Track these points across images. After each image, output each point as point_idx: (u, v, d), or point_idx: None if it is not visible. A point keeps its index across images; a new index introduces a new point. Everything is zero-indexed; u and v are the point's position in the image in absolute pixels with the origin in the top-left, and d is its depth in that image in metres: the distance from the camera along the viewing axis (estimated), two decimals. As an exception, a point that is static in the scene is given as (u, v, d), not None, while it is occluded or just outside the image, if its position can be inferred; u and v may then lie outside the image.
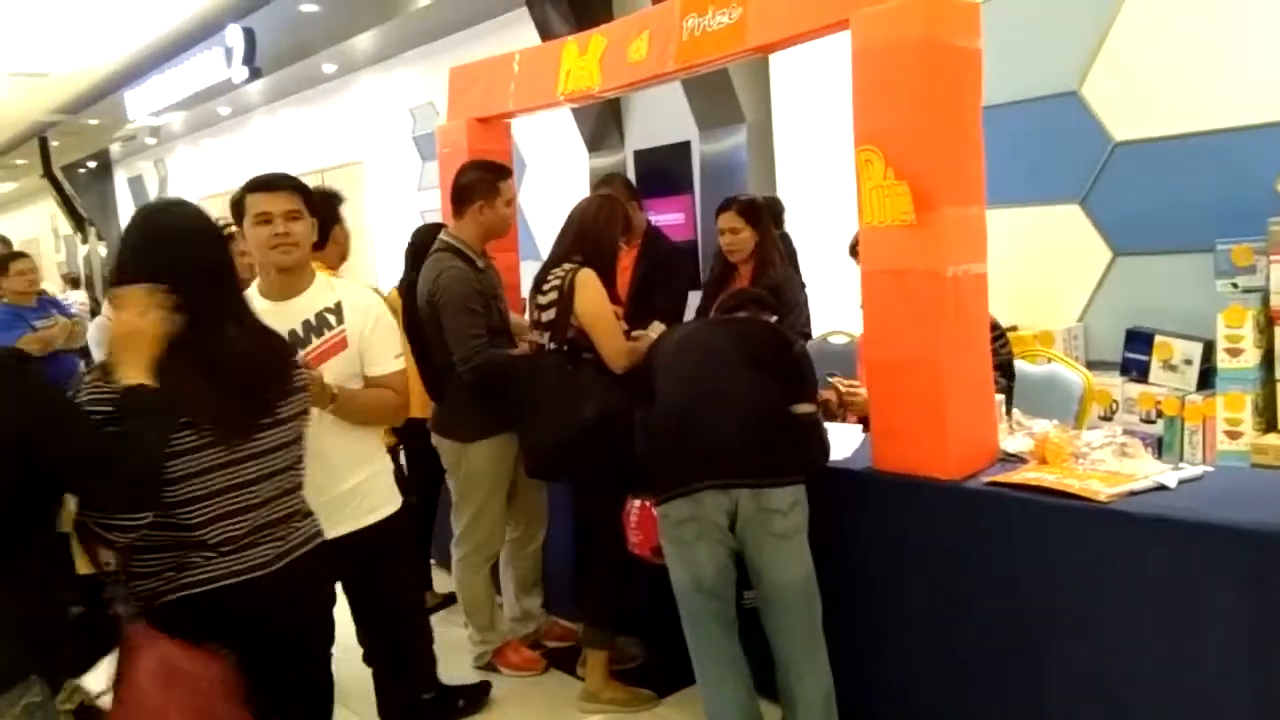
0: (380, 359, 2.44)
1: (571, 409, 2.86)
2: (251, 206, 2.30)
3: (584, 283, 2.93)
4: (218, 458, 1.81)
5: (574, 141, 6.27)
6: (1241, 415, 3.44)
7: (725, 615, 2.46)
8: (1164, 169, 3.81)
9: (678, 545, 2.44)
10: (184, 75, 9.41)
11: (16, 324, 4.82)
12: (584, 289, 2.92)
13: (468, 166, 3.33)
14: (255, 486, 1.86)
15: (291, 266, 2.35)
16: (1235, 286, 3.49)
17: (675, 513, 2.42)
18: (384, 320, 2.47)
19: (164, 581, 1.79)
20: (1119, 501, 2.15)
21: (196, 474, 1.78)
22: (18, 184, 17.19)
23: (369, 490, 2.45)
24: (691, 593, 2.45)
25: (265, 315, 2.18)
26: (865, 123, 2.48)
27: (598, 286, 2.93)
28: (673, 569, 2.48)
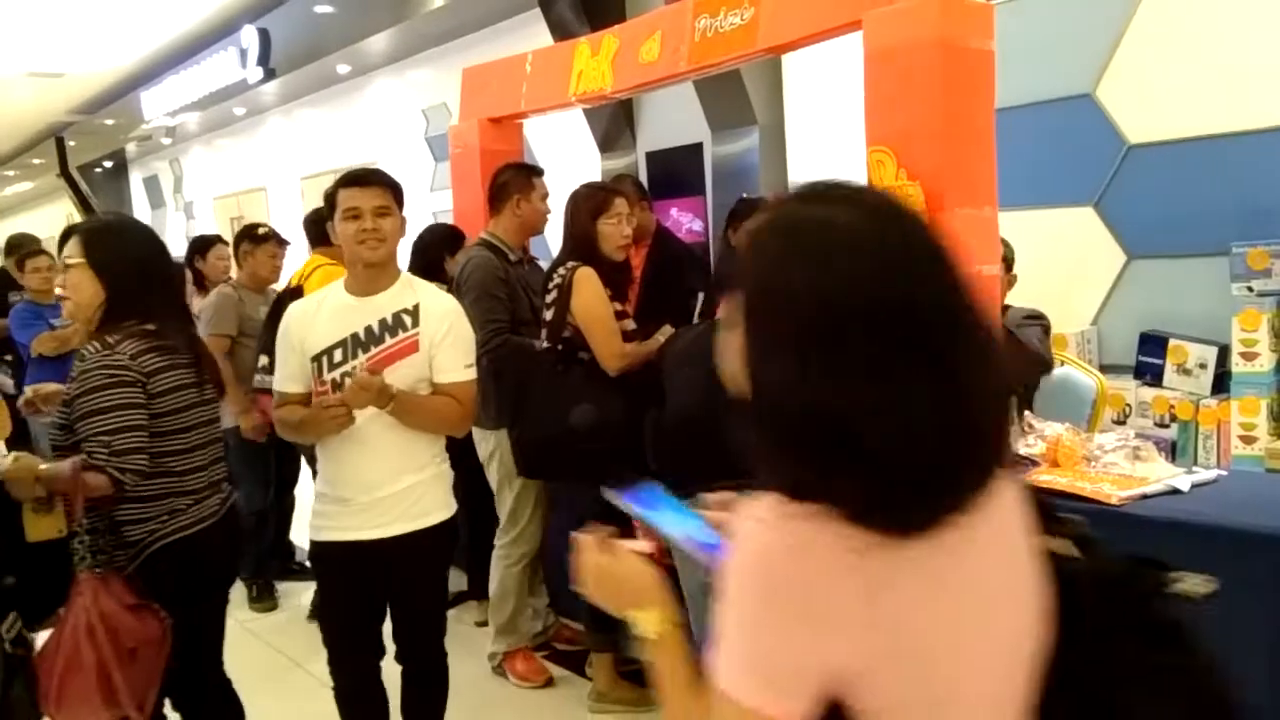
0: (449, 366, 2.36)
1: (558, 409, 2.84)
2: (342, 201, 2.31)
3: (581, 281, 2.89)
4: (210, 414, 2.25)
5: (586, 143, 6.27)
6: (1256, 420, 3.42)
7: None
8: (1179, 172, 3.78)
9: None
10: (199, 76, 9.47)
11: (34, 322, 4.81)
12: (581, 287, 2.89)
13: (503, 167, 3.43)
14: (208, 448, 2.26)
15: (377, 262, 2.33)
16: (1250, 290, 3.47)
17: None
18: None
19: (160, 525, 2.11)
20: (1131, 505, 2.13)
21: (202, 424, 2.22)
22: (34, 183, 17.33)
23: (422, 494, 2.38)
24: (700, 595, 2.44)
25: (345, 310, 2.32)
26: (877, 124, 2.48)
27: (596, 286, 2.89)
28: (682, 572, 2.48)
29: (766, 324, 0.88)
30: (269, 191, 10.65)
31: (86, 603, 1.93)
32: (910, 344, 0.83)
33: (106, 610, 1.94)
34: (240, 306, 4.16)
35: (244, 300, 4.20)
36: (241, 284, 4.32)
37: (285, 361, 2.36)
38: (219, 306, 4.16)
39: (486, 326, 3.09)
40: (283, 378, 2.38)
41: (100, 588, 1.96)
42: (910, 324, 0.83)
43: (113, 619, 1.94)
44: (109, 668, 1.91)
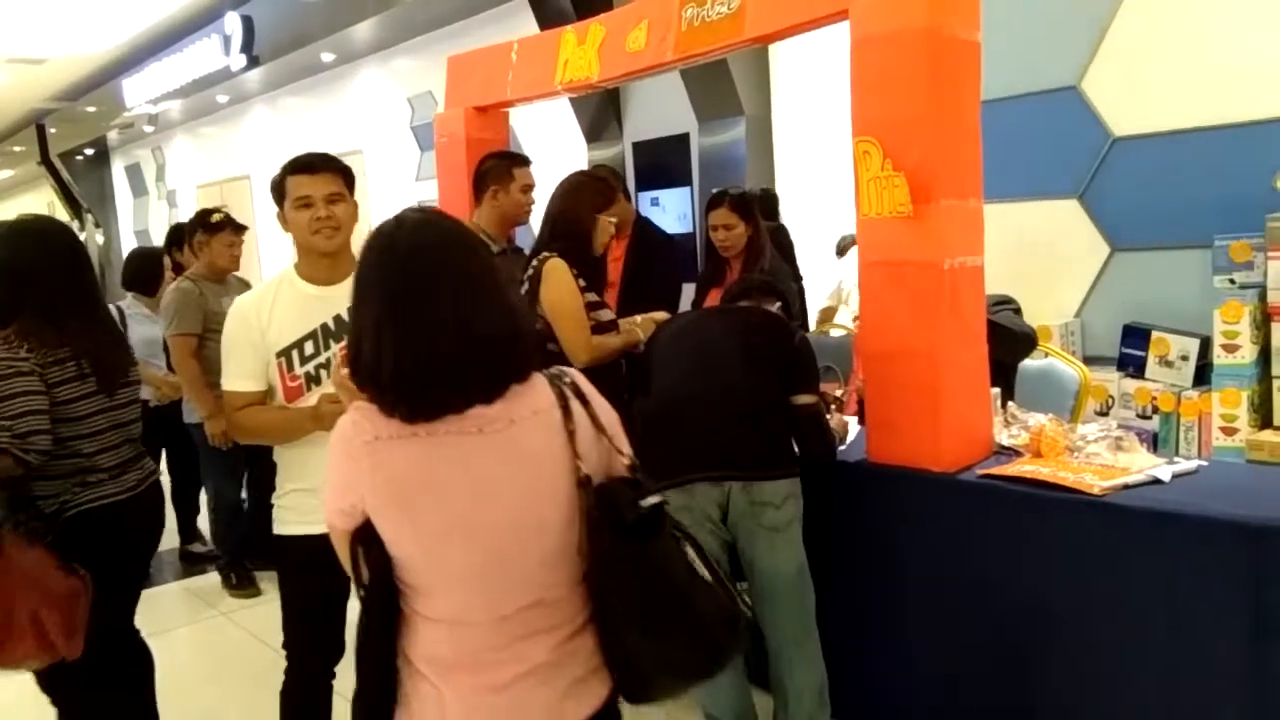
0: None
1: None
2: (292, 189, 2.21)
3: (550, 272, 2.85)
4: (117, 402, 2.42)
5: (573, 133, 6.26)
6: (1237, 411, 3.45)
7: None
8: (1163, 165, 3.80)
9: None
10: (182, 63, 9.38)
11: None
12: (549, 278, 2.85)
13: (487, 156, 3.38)
14: (124, 428, 2.45)
15: (333, 251, 2.25)
16: (1233, 282, 3.49)
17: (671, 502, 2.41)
18: None
19: (72, 495, 2.32)
20: (1113, 495, 2.15)
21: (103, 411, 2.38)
22: (14, 171, 17.15)
23: None
24: None
25: (308, 301, 2.23)
26: (864, 113, 2.48)
27: (566, 277, 2.85)
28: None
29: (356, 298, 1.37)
30: (253, 180, 10.57)
31: (14, 562, 2.14)
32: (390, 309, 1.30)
33: (33, 567, 2.16)
34: (202, 301, 3.95)
35: (205, 294, 3.98)
36: (201, 276, 4.09)
37: (240, 358, 2.21)
38: (180, 304, 3.94)
39: None
40: (237, 376, 2.22)
41: (26, 548, 2.18)
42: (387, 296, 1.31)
43: (40, 574, 2.17)
44: (42, 617, 2.13)
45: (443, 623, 1.33)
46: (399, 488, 1.30)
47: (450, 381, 1.29)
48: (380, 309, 1.30)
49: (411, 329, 1.28)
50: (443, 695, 1.32)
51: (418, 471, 1.30)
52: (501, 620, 1.32)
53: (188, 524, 4.93)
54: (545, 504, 1.33)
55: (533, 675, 1.32)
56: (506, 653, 1.32)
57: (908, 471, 2.48)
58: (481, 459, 1.30)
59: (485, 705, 1.31)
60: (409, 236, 1.34)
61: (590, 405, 1.41)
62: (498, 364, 1.32)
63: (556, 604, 1.35)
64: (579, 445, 1.35)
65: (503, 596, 1.32)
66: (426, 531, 1.30)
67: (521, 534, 1.32)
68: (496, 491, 1.31)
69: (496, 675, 1.31)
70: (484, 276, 1.35)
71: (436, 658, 1.33)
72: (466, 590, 1.32)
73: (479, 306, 1.31)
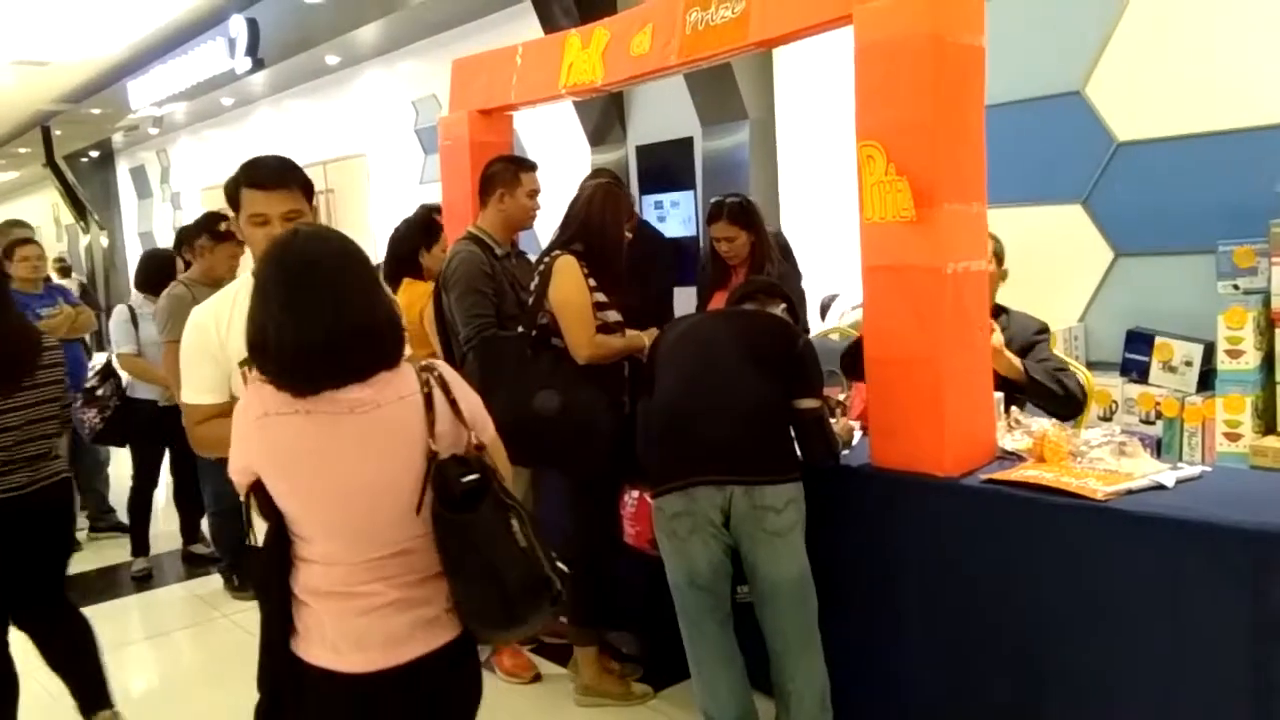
0: None
1: (523, 394, 2.83)
2: (247, 204, 2.11)
3: (561, 269, 2.88)
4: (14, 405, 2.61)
5: (577, 137, 6.26)
6: (1241, 417, 3.44)
7: (720, 610, 2.46)
8: (1166, 170, 3.80)
9: (672, 539, 2.43)
10: (187, 65, 9.40)
11: (21, 311, 4.75)
12: (560, 275, 2.88)
13: (494, 160, 3.38)
14: (13, 431, 2.63)
15: None
16: (1236, 288, 3.48)
17: (669, 507, 2.42)
18: None
19: None
20: (1116, 500, 2.14)
21: None
22: (20, 173, 17.19)
23: None
24: (686, 587, 2.45)
25: None
26: (867, 118, 2.48)
27: (574, 274, 2.88)
28: (668, 563, 2.48)
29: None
30: (257, 183, 10.58)
31: None
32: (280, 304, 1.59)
33: None
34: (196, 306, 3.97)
35: (198, 299, 3.93)
36: (195, 281, 4.07)
37: (200, 372, 2.11)
38: (173, 310, 3.90)
39: (471, 322, 3.09)
40: (197, 389, 2.12)
41: None
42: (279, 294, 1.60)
43: None
44: None
45: (320, 563, 1.65)
46: (281, 456, 1.61)
47: (326, 363, 1.58)
48: (273, 304, 1.59)
49: (296, 320, 1.57)
50: (321, 617, 1.65)
51: (297, 443, 1.60)
52: (366, 563, 1.63)
53: (191, 525, 4.94)
54: (400, 473, 1.62)
55: (390, 606, 1.64)
56: (370, 587, 1.63)
57: (911, 476, 2.48)
58: (350, 434, 1.59)
59: (351, 624, 1.63)
60: (300, 245, 1.65)
61: (452, 394, 1.69)
62: (367, 351, 1.61)
63: (416, 554, 1.65)
64: (436, 427, 1.64)
65: (366, 545, 1.63)
66: (303, 491, 1.62)
67: (379, 496, 1.62)
68: (360, 461, 1.60)
69: (362, 603, 1.63)
70: (360, 280, 1.64)
71: (316, 589, 1.65)
72: (336, 539, 1.63)
73: (352, 304, 1.60)
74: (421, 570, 1.65)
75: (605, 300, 2.95)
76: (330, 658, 1.64)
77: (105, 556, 5.08)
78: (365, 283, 1.66)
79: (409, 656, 1.64)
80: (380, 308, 1.66)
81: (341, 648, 1.63)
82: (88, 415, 4.35)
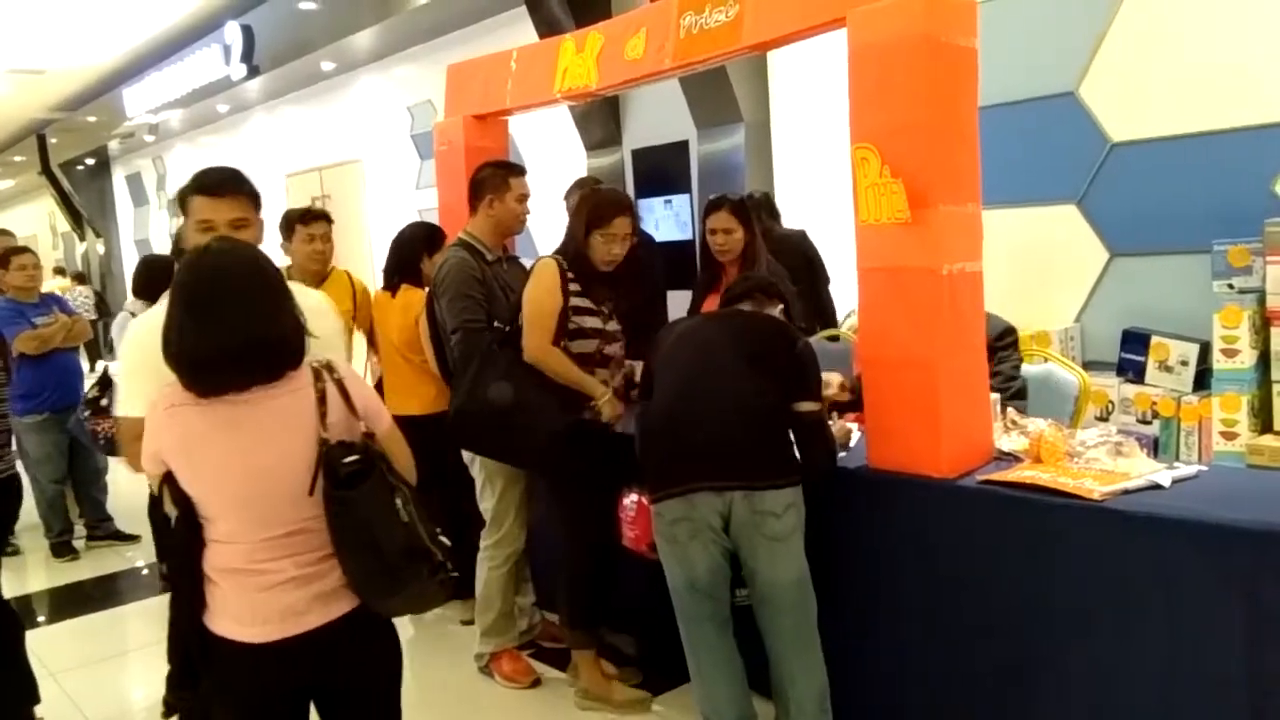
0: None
1: (479, 385, 2.90)
2: (195, 210, 2.13)
3: (536, 271, 2.97)
4: None
5: (572, 141, 6.27)
6: (1237, 416, 3.45)
7: (719, 614, 2.45)
8: (1161, 170, 3.81)
9: (671, 544, 2.43)
10: (182, 72, 9.40)
11: (16, 320, 4.76)
12: (534, 275, 2.96)
13: (482, 165, 3.39)
14: None
15: None
16: (1231, 288, 3.49)
17: (669, 512, 2.41)
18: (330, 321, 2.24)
19: None
20: (1113, 500, 2.15)
21: None
22: (15, 181, 17.18)
23: None
24: (685, 591, 2.45)
25: None
26: (861, 120, 2.48)
27: (546, 277, 2.93)
28: (667, 567, 2.48)
29: None
30: (253, 189, 10.59)
31: None
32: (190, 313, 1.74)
33: None
34: None
35: None
36: None
37: (141, 385, 1.99)
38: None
39: (461, 325, 3.12)
40: (137, 403, 1.99)
41: None
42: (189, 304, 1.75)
43: None
44: None
45: (224, 542, 1.81)
46: (184, 443, 1.77)
47: (227, 371, 1.74)
48: (184, 313, 1.74)
49: (203, 328, 1.72)
50: (226, 593, 1.81)
51: (198, 431, 1.76)
52: (266, 541, 1.79)
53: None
54: (294, 458, 1.77)
55: (290, 582, 1.79)
56: (269, 565, 1.79)
57: (908, 477, 2.48)
58: (246, 423, 1.76)
59: (252, 598, 1.79)
60: (210, 260, 1.79)
61: (346, 387, 1.84)
62: (266, 362, 1.76)
63: (312, 533, 1.79)
64: (328, 418, 1.79)
65: (264, 524, 1.78)
66: (204, 475, 1.78)
67: (275, 479, 1.77)
68: (255, 447, 1.76)
69: (262, 579, 1.79)
70: (266, 292, 1.79)
71: (222, 566, 1.81)
72: (236, 518, 1.79)
73: (255, 317, 1.74)
74: (319, 548, 1.80)
75: (586, 306, 2.97)
76: (234, 629, 1.81)
77: (104, 565, 5.07)
78: (270, 295, 1.79)
79: (306, 627, 1.80)
80: (283, 319, 1.79)
81: (244, 619, 1.80)
82: (101, 426, 4.34)
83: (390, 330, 3.71)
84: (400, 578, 1.79)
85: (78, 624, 4.32)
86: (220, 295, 1.75)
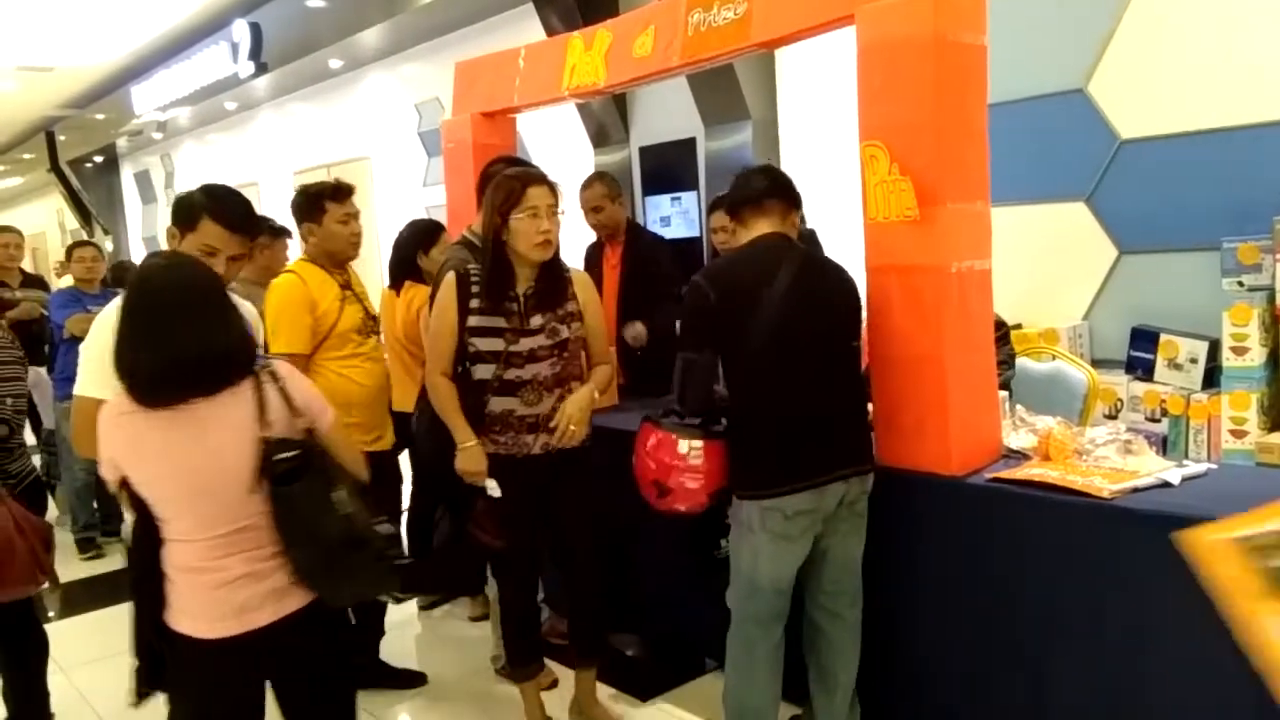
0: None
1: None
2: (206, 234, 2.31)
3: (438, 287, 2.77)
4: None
5: (580, 138, 6.27)
6: (1247, 414, 3.43)
7: (785, 613, 2.48)
8: (1170, 167, 3.79)
9: (781, 541, 2.34)
10: (191, 70, 9.42)
11: (72, 304, 5.02)
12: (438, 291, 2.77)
13: (494, 160, 3.29)
14: None
15: None
16: (1241, 285, 3.48)
17: (793, 506, 2.31)
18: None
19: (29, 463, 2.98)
20: (1122, 498, 2.14)
21: None
22: (24, 178, 17.23)
23: None
24: (771, 591, 2.41)
25: None
26: (870, 118, 2.48)
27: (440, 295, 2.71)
28: (762, 564, 2.38)
29: None
30: (261, 187, 10.61)
31: (11, 507, 2.61)
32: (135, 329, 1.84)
33: (18, 512, 2.62)
34: None
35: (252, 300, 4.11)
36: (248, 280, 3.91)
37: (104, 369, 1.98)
38: None
39: None
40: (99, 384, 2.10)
41: (8, 497, 2.66)
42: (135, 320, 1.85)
43: (26, 517, 2.64)
44: (37, 551, 2.61)
45: (179, 541, 1.89)
46: (133, 447, 1.86)
47: (181, 383, 1.81)
48: (133, 329, 1.82)
49: (147, 344, 1.80)
50: (183, 590, 1.90)
51: (145, 435, 1.84)
52: (216, 539, 1.86)
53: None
54: (236, 457, 1.84)
55: (242, 579, 1.87)
56: (220, 563, 1.87)
57: (917, 475, 2.48)
58: (190, 426, 1.83)
59: (207, 595, 1.87)
60: (155, 277, 1.89)
61: (285, 387, 1.91)
62: (218, 372, 1.84)
63: (261, 530, 1.87)
64: (267, 416, 1.86)
65: (212, 522, 1.86)
66: (152, 475, 1.86)
67: (217, 477, 1.84)
68: (197, 447, 1.83)
69: (215, 577, 1.86)
70: (211, 310, 1.86)
71: (178, 564, 1.90)
72: (185, 517, 1.87)
73: (201, 332, 1.82)
74: (267, 544, 1.87)
75: (487, 325, 2.64)
76: (191, 625, 1.89)
77: (117, 560, 5.09)
78: (217, 311, 1.87)
79: (260, 623, 1.88)
80: (231, 333, 1.87)
81: (200, 616, 1.88)
82: None
83: (395, 327, 3.72)
84: (340, 566, 1.88)
85: (89, 619, 4.35)
86: (171, 312, 1.82)
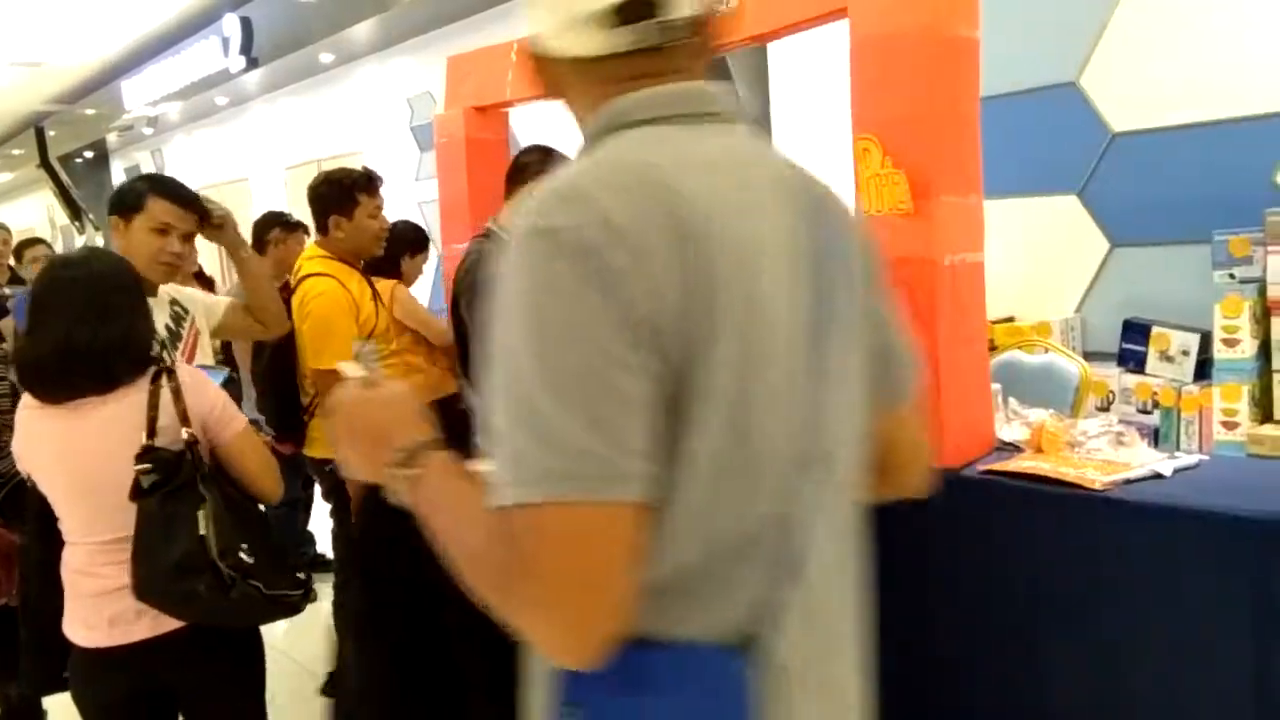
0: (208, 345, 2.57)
1: None
2: (156, 212, 2.29)
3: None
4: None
5: (572, 133, 6.25)
6: (1238, 406, 3.45)
7: None
8: (1162, 160, 3.81)
9: None
10: (181, 65, 9.38)
11: None
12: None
13: (529, 148, 3.25)
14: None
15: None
16: (1233, 277, 3.49)
17: None
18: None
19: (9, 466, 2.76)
20: (1114, 490, 2.15)
21: None
22: (14, 174, 17.15)
23: None
24: None
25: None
26: (863, 112, 2.48)
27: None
28: None
29: None
30: (252, 182, 10.57)
31: None
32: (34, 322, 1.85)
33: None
34: None
35: None
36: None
37: None
38: None
39: None
40: None
41: None
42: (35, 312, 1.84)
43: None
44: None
45: (69, 542, 1.89)
46: (29, 441, 1.88)
47: (59, 375, 1.80)
48: (30, 319, 1.82)
49: (39, 334, 1.80)
50: (70, 595, 1.89)
51: (41, 430, 1.85)
52: (100, 545, 1.85)
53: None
54: (118, 463, 1.79)
55: (119, 590, 1.81)
56: (101, 570, 1.85)
57: (909, 468, 2.48)
58: (80, 424, 1.82)
59: (86, 602, 1.86)
60: (55, 270, 1.88)
61: (181, 398, 1.86)
62: (101, 368, 1.81)
63: None
64: (157, 423, 1.82)
65: (95, 527, 1.84)
66: (41, 472, 1.88)
67: (98, 480, 1.82)
68: (85, 447, 1.82)
69: (96, 584, 1.85)
70: (113, 304, 1.83)
71: (68, 566, 1.89)
72: (71, 518, 1.87)
73: (95, 325, 1.78)
74: None
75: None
76: (71, 630, 1.88)
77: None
78: (109, 307, 1.82)
79: (135, 637, 1.83)
80: (116, 330, 1.82)
81: (77, 622, 1.88)
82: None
83: None
84: (173, 588, 1.78)
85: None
86: (66, 302, 1.80)
